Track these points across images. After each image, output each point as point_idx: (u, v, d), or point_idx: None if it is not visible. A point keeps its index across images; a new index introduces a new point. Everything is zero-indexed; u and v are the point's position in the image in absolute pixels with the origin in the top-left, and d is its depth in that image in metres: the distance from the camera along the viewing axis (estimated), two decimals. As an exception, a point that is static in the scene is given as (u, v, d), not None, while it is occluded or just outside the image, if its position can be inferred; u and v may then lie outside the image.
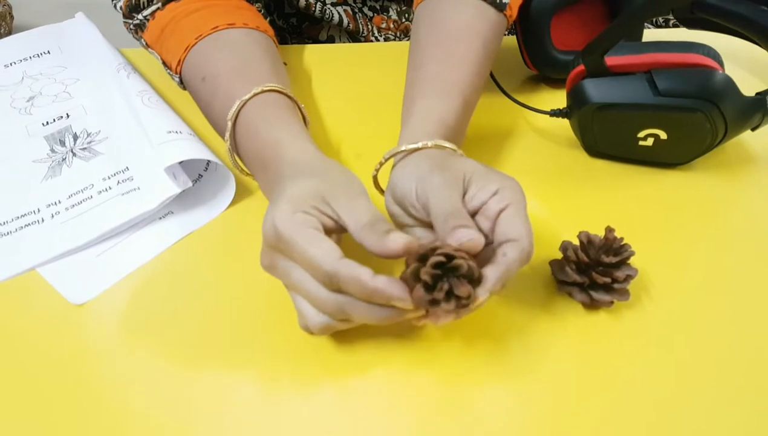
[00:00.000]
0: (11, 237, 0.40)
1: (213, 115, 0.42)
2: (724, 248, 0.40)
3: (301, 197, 0.31)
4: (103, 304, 0.37)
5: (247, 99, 0.39)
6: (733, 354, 0.34)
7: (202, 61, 0.43)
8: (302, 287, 0.30)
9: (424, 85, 0.39)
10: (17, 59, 0.55)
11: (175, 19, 0.45)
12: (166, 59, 0.47)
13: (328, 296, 0.29)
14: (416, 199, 0.32)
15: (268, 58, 0.43)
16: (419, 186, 0.32)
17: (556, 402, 0.32)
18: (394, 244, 0.28)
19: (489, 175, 0.32)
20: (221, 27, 0.44)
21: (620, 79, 0.41)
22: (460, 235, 0.28)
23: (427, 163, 0.33)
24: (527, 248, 0.30)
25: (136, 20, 0.47)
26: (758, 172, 0.45)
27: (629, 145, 0.43)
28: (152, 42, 0.48)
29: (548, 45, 0.49)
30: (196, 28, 0.44)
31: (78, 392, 0.33)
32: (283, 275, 0.31)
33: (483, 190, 0.31)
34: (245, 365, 0.34)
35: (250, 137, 0.38)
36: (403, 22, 0.62)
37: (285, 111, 0.39)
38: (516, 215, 0.30)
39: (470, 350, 0.34)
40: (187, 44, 0.44)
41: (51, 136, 0.47)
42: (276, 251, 0.30)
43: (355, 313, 0.29)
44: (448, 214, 0.30)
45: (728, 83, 0.40)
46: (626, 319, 0.35)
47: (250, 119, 0.39)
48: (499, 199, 0.31)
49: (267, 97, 0.39)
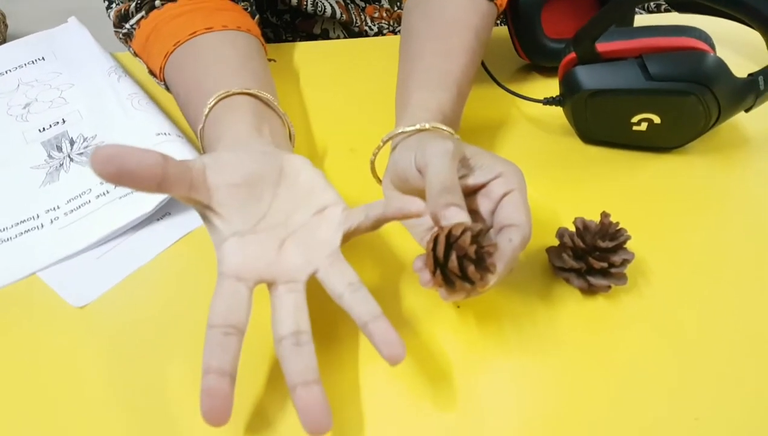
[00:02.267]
0: (12, 243, 0.41)
1: (194, 130, 0.42)
2: (720, 231, 0.40)
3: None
4: (103, 306, 0.37)
5: (206, 112, 0.38)
6: (731, 338, 0.34)
7: (176, 72, 0.43)
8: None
9: (419, 76, 0.39)
10: (12, 67, 0.55)
11: (157, 27, 0.45)
12: (152, 68, 0.47)
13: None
14: (414, 165, 0.32)
15: (237, 57, 0.43)
16: (419, 153, 0.32)
17: (555, 388, 0.32)
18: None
19: (493, 157, 0.33)
20: (199, 32, 0.44)
21: (612, 64, 0.41)
22: (451, 214, 0.29)
23: (429, 136, 0.34)
24: (528, 235, 0.31)
25: (124, 29, 0.47)
26: (753, 154, 0.45)
27: (623, 131, 0.43)
28: (139, 50, 0.48)
29: (539, 34, 0.49)
30: (174, 35, 0.44)
31: (79, 393, 0.33)
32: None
33: (487, 170, 0.32)
34: (246, 364, 0.34)
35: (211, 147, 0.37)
36: (395, 11, 0.62)
37: (233, 115, 0.37)
38: (520, 201, 0.31)
39: (468, 337, 0.34)
40: (166, 51, 0.44)
41: (48, 142, 0.47)
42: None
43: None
44: (443, 188, 0.29)
45: (720, 65, 0.40)
46: (624, 304, 0.36)
47: (207, 137, 0.38)
48: (504, 183, 0.32)
49: (223, 105, 0.38)
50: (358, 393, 0.32)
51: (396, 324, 0.35)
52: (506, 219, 0.31)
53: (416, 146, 0.33)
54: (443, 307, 0.36)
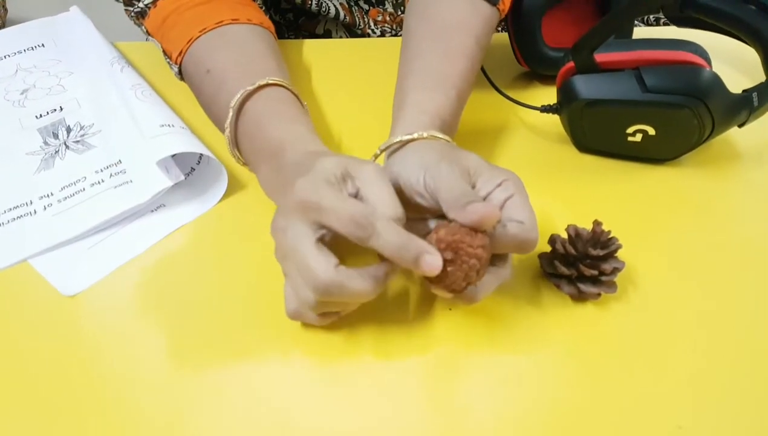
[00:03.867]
0: (3, 229, 0.40)
1: (216, 108, 0.42)
2: (710, 242, 0.40)
3: (334, 171, 0.31)
4: (94, 295, 0.37)
5: (251, 90, 0.39)
6: (717, 348, 0.34)
7: (207, 54, 0.43)
8: (307, 255, 0.30)
9: (417, 78, 0.39)
10: (11, 52, 0.55)
11: (179, 10, 0.45)
12: (167, 49, 0.47)
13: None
14: (424, 189, 0.32)
15: (271, 54, 0.44)
16: (428, 175, 0.32)
17: (543, 392, 0.32)
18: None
19: (493, 168, 0.33)
20: (225, 22, 0.44)
21: (609, 75, 0.41)
22: (474, 207, 0.29)
23: (433, 154, 0.34)
24: (529, 231, 0.31)
25: (137, 7, 0.47)
26: (744, 168, 0.46)
27: (618, 141, 0.44)
28: (153, 30, 0.48)
29: (539, 42, 0.49)
30: (200, 22, 0.44)
31: (69, 383, 0.33)
32: (292, 241, 0.30)
33: (489, 182, 0.32)
34: (236, 355, 0.34)
35: (258, 128, 0.38)
36: (399, 15, 0.63)
37: (293, 107, 0.39)
38: (522, 203, 0.32)
39: (458, 341, 0.35)
40: (191, 36, 0.44)
41: (44, 128, 0.47)
42: (297, 215, 0.30)
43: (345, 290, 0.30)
44: (460, 195, 0.30)
45: (715, 80, 0.40)
46: (613, 311, 0.36)
47: (258, 111, 0.39)
48: (504, 189, 0.32)
49: (275, 90, 0.40)
50: (350, 393, 0.33)
51: (387, 326, 0.35)
52: (508, 218, 0.31)
53: (420, 164, 0.33)
54: (435, 309, 0.36)
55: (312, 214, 0.30)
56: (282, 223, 0.31)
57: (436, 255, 0.29)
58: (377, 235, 0.29)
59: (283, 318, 0.35)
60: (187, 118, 0.47)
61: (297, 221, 0.30)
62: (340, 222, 0.29)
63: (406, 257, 0.29)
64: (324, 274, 0.29)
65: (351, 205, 0.29)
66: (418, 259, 0.29)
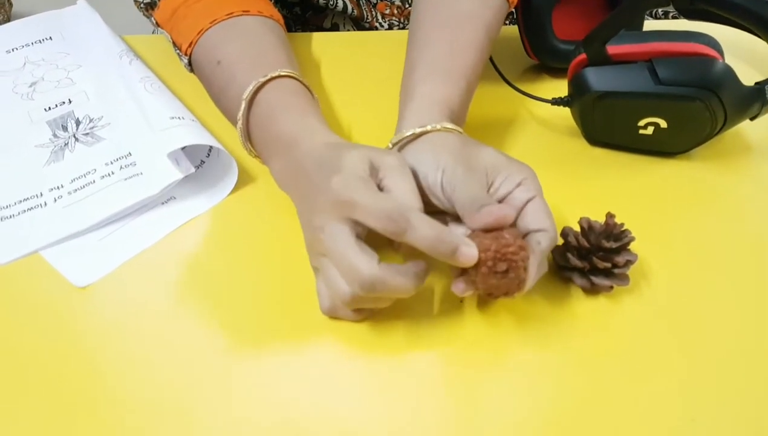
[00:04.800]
0: (14, 220, 0.40)
1: (226, 100, 0.42)
2: (722, 235, 0.40)
3: (363, 166, 0.31)
4: (105, 287, 0.37)
5: (263, 81, 0.39)
6: (730, 341, 0.34)
7: (218, 45, 0.43)
8: (346, 251, 0.30)
9: (426, 68, 0.39)
10: (19, 45, 0.55)
11: (188, 2, 0.45)
12: (177, 40, 0.47)
13: (369, 262, 0.30)
14: (441, 192, 0.33)
15: (282, 46, 0.44)
16: (445, 179, 0.33)
17: (556, 386, 0.32)
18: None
19: (511, 165, 0.34)
20: (236, 13, 0.44)
21: (621, 67, 0.41)
22: (489, 209, 0.30)
23: (449, 154, 0.34)
24: (555, 238, 0.32)
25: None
26: (756, 161, 0.46)
27: (629, 134, 0.44)
28: (163, 22, 0.48)
29: (549, 34, 0.49)
30: (210, 13, 0.44)
31: (80, 373, 0.33)
32: (328, 240, 0.31)
33: (508, 181, 0.33)
34: (246, 347, 0.34)
35: (270, 121, 0.38)
36: (406, 8, 0.62)
37: (305, 99, 0.39)
38: (542, 207, 0.32)
39: (471, 335, 0.34)
40: (201, 27, 0.44)
41: (53, 121, 0.47)
42: (333, 214, 0.31)
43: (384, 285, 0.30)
44: (474, 198, 0.31)
45: (728, 72, 0.40)
46: (625, 304, 0.36)
47: (271, 103, 0.39)
48: (525, 190, 0.32)
49: (286, 82, 0.39)
50: (360, 388, 0.33)
51: (396, 321, 0.35)
52: (533, 224, 0.32)
53: (441, 168, 0.33)
54: (446, 302, 0.36)
55: (348, 211, 0.30)
56: (319, 221, 0.31)
57: (472, 247, 0.29)
58: (413, 229, 0.29)
59: (294, 309, 0.35)
60: (196, 110, 0.47)
61: (334, 219, 0.30)
62: (376, 219, 0.29)
63: (443, 249, 0.29)
64: (368, 270, 0.29)
65: (385, 201, 0.30)
66: (455, 251, 0.29)
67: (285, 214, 0.39)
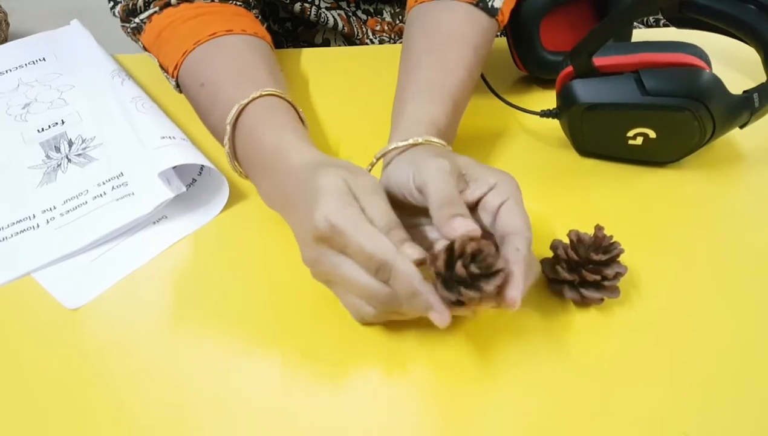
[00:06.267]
0: (7, 243, 0.41)
1: (212, 121, 0.43)
2: (713, 245, 0.40)
3: (341, 190, 0.31)
4: (97, 308, 0.37)
5: (245, 103, 0.39)
6: (721, 352, 0.34)
7: (201, 66, 0.44)
8: (352, 279, 0.31)
9: (415, 88, 0.39)
10: (13, 66, 0.55)
11: (173, 24, 0.46)
12: (163, 63, 0.47)
13: (380, 288, 0.30)
14: (413, 184, 0.33)
15: (265, 63, 0.44)
16: (416, 171, 0.33)
17: (547, 398, 0.32)
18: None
19: (485, 169, 0.33)
20: (219, 33, 0.44)
21: (608, 79, 0.41)
22: (457, 224, 0.29)
23: (423, 153, 0.34)
24: (530, 239, 0.31)
25: (133, 23, 0.48)
26: (747, 170, 0.46)
27: (619, 145, 0.44)
28: (149, 45, 0.48)
29: (538, 46, 0.49)
30: (194, 34, 0.45)
31: (73, 395, 0.33)
32: (330, 269, 0.31)
33: (481, 183, 0.32)
34: (239, 364, 0.34)
35: (252, 142, 0.39)
36: (397, 24, 0.63)
37: (286, 115, 0.39)
38: (516, 209, 0.32)
39: (462, 347, 0.34)
40: (185, 49, 0.44)
41: (46, 142, 0.47)
42: (324, 246, 0.31)
43: (402, 305, 0.30)
44: (445, 202, 0.31)
45: (715, 82, 0.40)
46: (616, 316, 0.36)
47: (252, 124, 0.39)
48: (498, 193, 0.32)
49: (267, 101, 0.40)
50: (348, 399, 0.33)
51: (387, 333, 0.35)
52: (505, 227, 0.31)
53: (411, 163, 0.33)
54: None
55: (337, 244, 0.30)
56: (312, 254, 0.32)
57: (444, 314, 0.29)
58: (393, 279, 0.30)
59: (287, 325, 0.35)
60: (187, 129, 0.47)
61: (326, 250, 0.31)
62: (362, 260, 0.30)
63: (416, 304, 0.30)
64: (382, 290, 0.30)
65: (371, 242, 0.29)
66: (427, 310, 0.29)
67: (277, 231, 0.39)
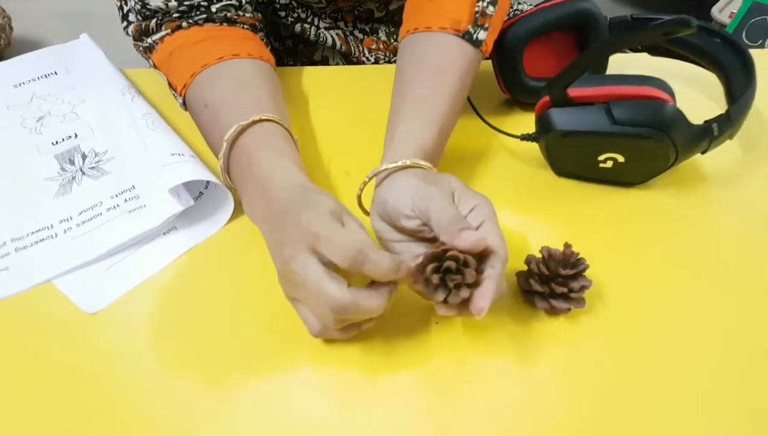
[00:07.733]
0: (27, 251, 0.44)
1: (211, 139, 0.46)
2: (674, 259, 0.44)
3: (333, 210, 0.35)
4: (114, 312, 0.41)
5: (245, 125, 0.42)
6: (680, 358, 0.38)
7: (206, 89, 0.47)
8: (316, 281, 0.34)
9: (404, 114, 0.43)
10: (26, 79, 0.58)
11: (183, 46, 0.49)
12: (172, 82, 0.50)
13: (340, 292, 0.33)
14: (412, 211, 0.37)
15: (267, 88, 0.47)
16: (416, 198, 0.37)
17: (519, 398, 0.36)
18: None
19: (468, 192, 0.37)
20: (226, 57, 0.47)
21: (582, 109, 0.45)
22: (467, 235, 0.33)
23: (419, 180, 0.38)
24: (505, 257, 0.35)
25: (145, 43, 0.51)
26: (709, 189, 0.50)
27: (591, 167, 0.48)
28: (160, 63, 0.51)
29: (521, 72, 0.53)
30: (202, 57, 0.48)
31: (90, 394, 0.36)
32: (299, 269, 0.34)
33: (464, 206, 0.37)
34: (248, 369, 0.38)
35: (248, 161, 0.42)
36: (392, 43, 0.66)
37: (282, 141, 0.43)
38: (492, 229, 0.36)
39: (440, 352, 0.38)
40: (193, 71, 0.47)
41: (61, 155, 0.51)
42: (307, 251, 0.34)
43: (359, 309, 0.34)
44: (450, 220, 0.35)
45: (677, 114, 0.44)
46: (582, 324, 0.40)
47: (248, 144, 0.42)
48: (476, 215, 0.36)
49: (265, 126, 0.43)
50: (337, 406, 0.36)
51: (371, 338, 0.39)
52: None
53: (412, 191, 0.37)
54: (419, 322, 0.40)
55: (314, 243, 0.34)
56: (289, 252, 0.34)
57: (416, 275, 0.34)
58: (370, 262, 0.33)
59: (292, 330, 0.39)
60: (194, 144, 0.50)
61: (302, 250, 0.34)
62: (338, 253, 0.33)
63: (399, 275, 0.34)
64: (340, 296, 0.33)
65: (345, 237, 0.33)
66: (401, 270, 0.34)
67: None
